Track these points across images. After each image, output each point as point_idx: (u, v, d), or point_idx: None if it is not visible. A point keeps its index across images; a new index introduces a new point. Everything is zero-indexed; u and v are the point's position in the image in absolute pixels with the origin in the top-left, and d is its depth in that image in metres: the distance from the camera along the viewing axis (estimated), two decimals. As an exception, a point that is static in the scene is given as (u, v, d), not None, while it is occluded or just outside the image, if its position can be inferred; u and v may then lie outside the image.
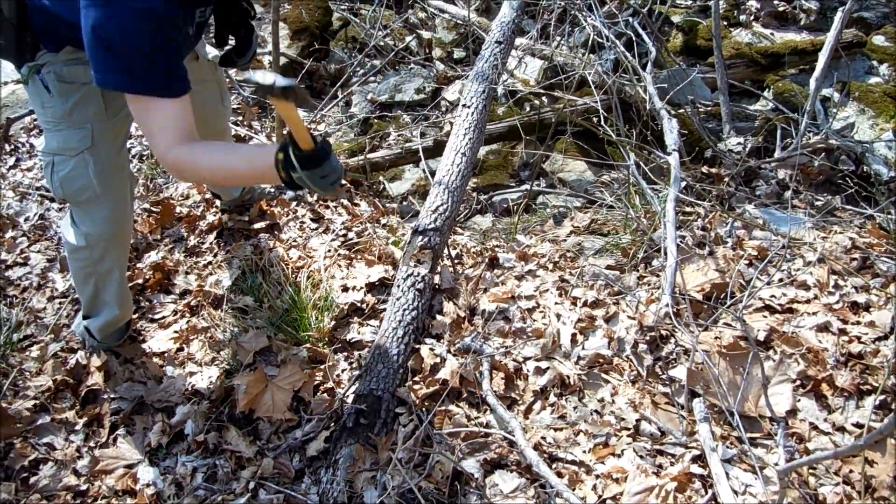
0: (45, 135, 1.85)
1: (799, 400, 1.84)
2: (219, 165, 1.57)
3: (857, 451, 1.59)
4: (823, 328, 2.05)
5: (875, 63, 3.90)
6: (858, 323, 2.08)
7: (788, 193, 2.86)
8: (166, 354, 2.28)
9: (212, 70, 2.27)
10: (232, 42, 2.11)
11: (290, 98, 1.31)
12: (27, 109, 3.95)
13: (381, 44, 4.51)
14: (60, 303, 2.55)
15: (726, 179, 2.92)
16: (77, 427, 2.05)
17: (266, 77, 1.27)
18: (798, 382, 1.87)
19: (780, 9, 4.75)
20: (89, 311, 2.20)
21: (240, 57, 2.10)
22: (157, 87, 1.48)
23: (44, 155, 1.86)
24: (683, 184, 2.50)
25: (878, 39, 4.00)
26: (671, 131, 2.59)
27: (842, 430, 1.77)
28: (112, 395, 2.13)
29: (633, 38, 3.39)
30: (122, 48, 1.44)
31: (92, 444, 2.02)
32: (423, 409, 1.92)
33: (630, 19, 3.43)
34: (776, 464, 1.61)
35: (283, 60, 3.61)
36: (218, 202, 2.94)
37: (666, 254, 2.16)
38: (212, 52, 2.21)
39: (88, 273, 2.07)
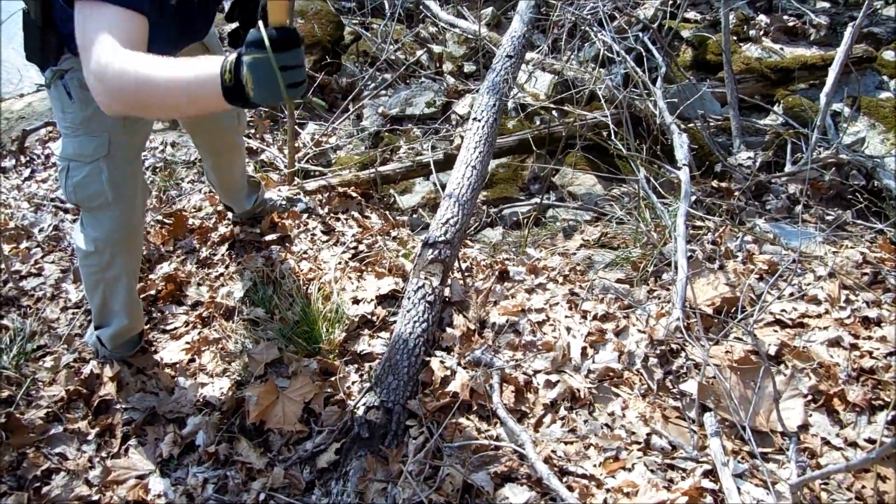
0: (62, 140, 1.88)
1: (811, 415, 1.83)
2: (151, 77, 1.29)
3: (870, 465, 1.58)
4: (835, 343, 2.04)
5: (885, 78, 3.90)
6: (870, 338, 2.07)
7: (799, 208, 2.86)
8: (178, 365, 2.29)
9: None
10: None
11: None
12: (43, 121, 4.02)
13: (393, 58, 4.55)
14: (73, 313, 2.58)
15: (736, 194, 2.93)
16: (89, 437, 2.07)
17: None
18: (809, 397, 1.87)
19: (790, 24, 4.75)
20: (100, 321, 2.21)
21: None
22: None
23: (60, 160, 1.88)
24: (694, 198, 2.50)
25: (889, 55, 4.00)
26: (681, 146, 2.60)
27: (854, 445, 1.76)
28: (124, 406, 2.14)
29: (643, 53, 3.41)
30: None
31: (104, 454, 2.03)
32: (434, 422, 1.93)
33: (640, 34, 3.45)
34: (788, 479, 1.60)
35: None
36: (230, 214, 2.97)
37: (676, 268, 2.16)
38: None
39: (97, 280, 2.09)
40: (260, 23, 1.21)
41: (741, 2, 4.97)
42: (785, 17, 4.87)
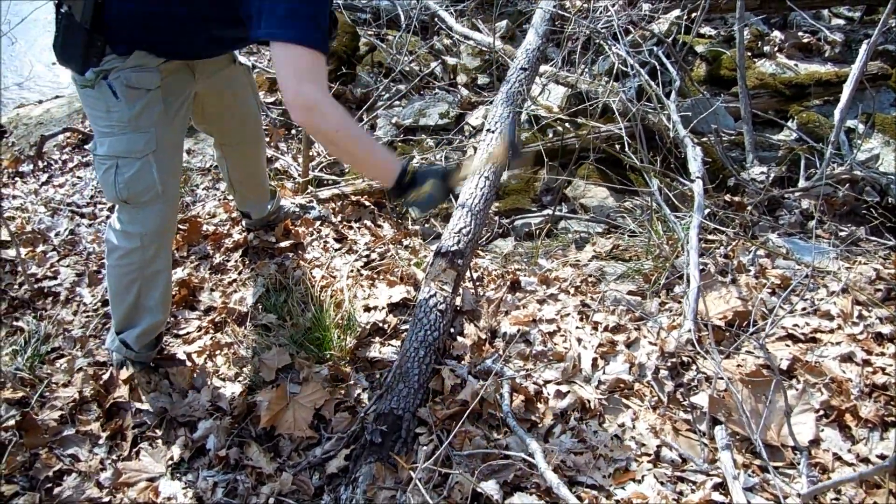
0: (105, 139, 1.89)
1: (822, 430, 1.82)
2: (352, 133, 1.71)
3: (882, 473, 1.57)
4: (847, 358, 2.03)
5: (900, 95, 3.90)
6: (883, 354, 2.06)
7: (812, 223, 2.85)
8: (190, 370, 2.30)
9: (246, 73, 2.34)
10: None
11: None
12: (61, 127, 4.07)
13: (407, 69, 4.58)
14: (87, 316, 2.60)
15: (749, 208, 2.92)
16: (101, 439, 2.08)
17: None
18: (821, 412, 1.86)
19: (805, 40, 4.76)
20: (127, 323, 2.20)
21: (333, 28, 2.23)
22: (322, 43, 1.61)
23: (104, 159, 1.90)
24: (707, 211, 2.50)
25: (904, 72, 4.00)
26: (695, 159, 2.61)
27: (866, 461, 1.75)
28: (138, 407, 2.16)
29: (658, 67, 3.42)
30: (316, 7, 1.59)
31: (115, 456, 2.05)
32: (443, 430, 1.93)
33: (654, 48, 3.46)
34: (799, 492, 1.59)
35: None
36: (244, 221, 2.99)
37: (688, 280, 2.16)
38: (243, 59, 2.28)
39: (134, 279, 2.09)
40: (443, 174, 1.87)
41: (756, 18, 4.99)
42: (799, 34, 4.88)
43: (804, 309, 2.25)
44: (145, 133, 1.88)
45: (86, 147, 4.01)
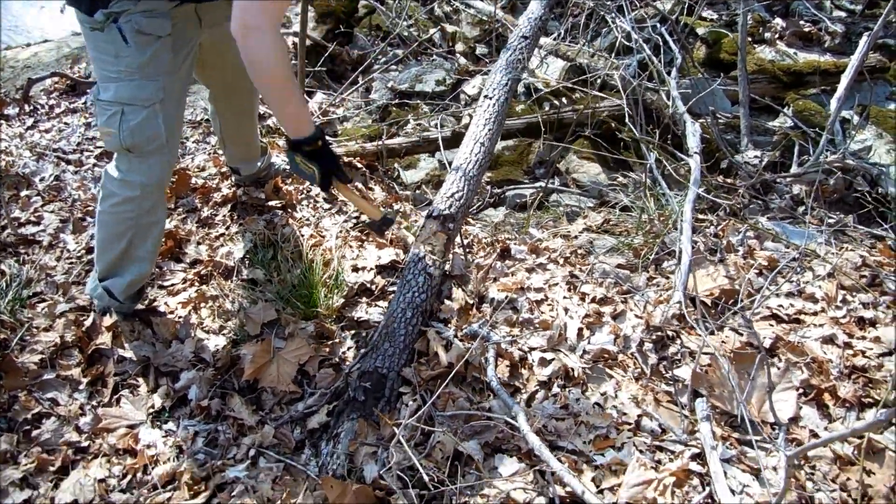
0: (111, 84, 1.84)
1: (801, 407, 1.84)
2: (283, 72, 1.67)
3: (878, 428, 1.60)
4: (829, 340, 2.05)
5: (896, 89, 3.91)
6: (864, 338, 2.08)
7: (802, 209, 2.87)
8: (174, 320, 2.29)
9: None
10: None
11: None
12: (49, 72, 3.98)
13: (405, 34, 4.53)
14: (71, 263, 2.57)
15: (741, 190, 2.93)
16: (81, 385, 2.07)
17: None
18: (801, 391, 1.88)
19: (806, 29, 4.74)
20: (111, 271, 2.17)
21: None
22: None
23: (109, 104, 1.85)
24: (701, 189, 2.50)
25: (901, 65, 4.00)
26: (693, 134, 2.60)
27: (842, 439, 1.78)
28: (120, 355, 2.14)
29: (660, 44, 3.40)
30: None
31: (95, 402, 2.04)
32: (427, 391, 1.93)
33: (658, 25, 3.44)
34: (786, 453, 1.61)
35: (308, 42, 3.62)
36: (234, 177, 2.95)
37: (679, 254, 2.17)
38: None
39: (128, 227, 2.06)
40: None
41: (758, 4, 4.96)
42: (801, 23, 4.86)
43: (790, 291, 2.27)
44: (154, 81, 1.83)
45: (73, 93, 3.93)
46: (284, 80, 1.68)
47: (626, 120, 2.72)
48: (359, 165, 3.25)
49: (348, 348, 2.16)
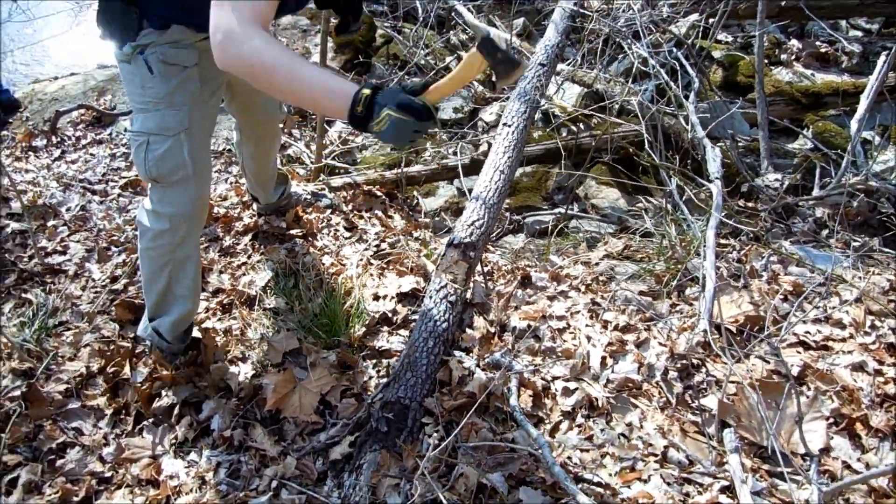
0: (138, 115, 1.87)
1: (832, 438, 1.80)
2: (292, 67, 1.40)
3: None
4: (859, 367, 2.02)
5: (917, 109, 3.87)
6: (894, 365, 2.04)
7: (825, 232, 2.84)
8: (196, 351, 2.29)
9: None
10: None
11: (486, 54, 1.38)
12: (76, 104, 4.07)
13: (422, 62, 4.57)
14: (96, 292, 2.60)
15: (763, 214, 2.91)
16: (106, 414, 2.08)
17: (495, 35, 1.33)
18: (831, 420, 1.85)
19: (823, 50, 4.74)
20: (158, 310, 2.17)
21: (354, 22, 2.06)
22: None
23: (137, 135, 1.88)
24: (723, 213, 2.49)
25: (922, 85, 3.97)
26: (714, 160, 2.59)
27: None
28: (142, 386, 2.15)
29: (677, 69, 3.40)
30: None
31: (119, 431, 2.04)
32: (450, 421, 1.92)
33: (674, 49, 3.45)
34: (819, 489, 1.57)
35: (326, 72, 3.67)
36: (255, 205, 2.98)
37: (703, 281, 2.15)
38: None
39: (164, 262, 2.06)
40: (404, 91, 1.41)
41: (774, 26, 4.96)
42: (817, 44, 4.86)
43: (817, 317, 2.24)
44: (178, 111, 1.85)
45: (99, 124, 4.01)
46: (282, 68, 1.40)
47: (646, 146, 2.72)
48: (378, 194, 3.27)
49: (370, 378, 2.16)
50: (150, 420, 2.06)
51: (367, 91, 1.37)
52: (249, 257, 2.79)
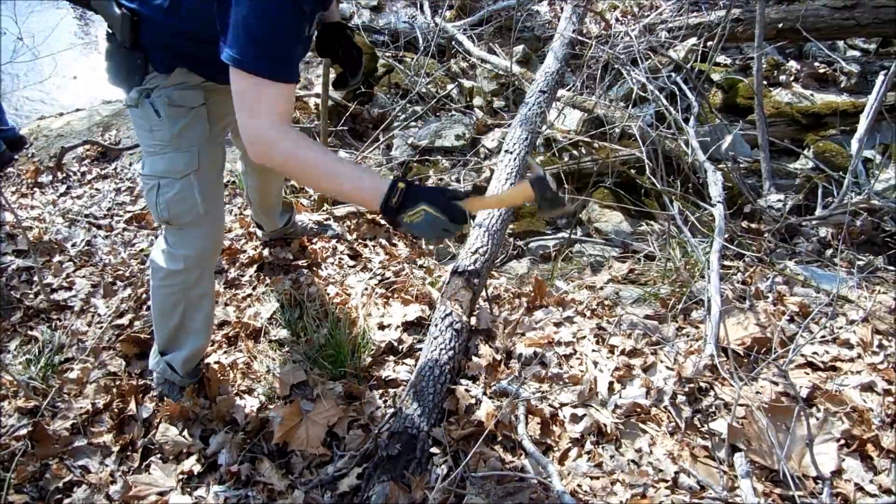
0: (148, 158, 1.88)
1: (843, 460, 1.79)
2: (326, 167, 1.54)
3: None
4: (868, 388, 2.00)
5: (917, 127, 3.89)
6: (904, 385, 2.03)
7: (830, 252, 2.83)
8: (202, 384, 2.29)
9: None
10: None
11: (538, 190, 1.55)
12: (81, 140, 4.11)
13: (424, 90, 4.62)
14: (102, 328, 2.60)
15: (766, 235, 2.91)
16: (113, 451, 2.07)
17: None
18: (842, 442, 1.83)
19: (821, 70, 4.78)
20: (169, 345, 2.17)
21: (353, 77, 2.16)
22: (286, 74, 1.51)
23: (148, 179, 1.88)
24: (727, 236, 2.49)
25: (921, 103, 3.99)
26: (716, 183, 2.60)
27: (888, 492, 1.71)
28: (149, 422, 2.15)
29: (676, 93, 3.43)
30: (270, 35, 1.46)
31: (125, 468, 2.03)
32: (459, 451, 1.91)
33: (672, 74, 3.48)
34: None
35: (329, 103, 3.70)
36: (259, 233, 3.00)
37: (708, 305, 2.15)
38: None
39: (178, 300, 2.06)
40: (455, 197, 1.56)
41: (771, 48, 5.01)
42: (815, 64, 4.90)
43: (823, 337, 2.23)
44: (187, 152, 1.86)
45: (104, 159, 4.05)
46: (321, 167, 1.54)
47: (647, 172, 2.73)
48: (382, 222, 3.28)
49: (377, 408, 2.15)
50: (157, 456, 2.06)
51: (402, 185, 1.51)
52: (254, 289, 2.79)
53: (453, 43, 5.33)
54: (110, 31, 1.76)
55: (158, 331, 2.16)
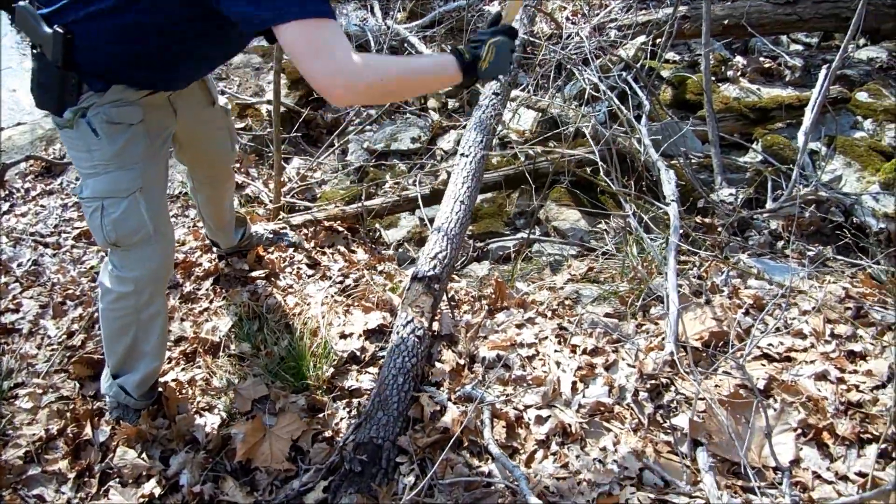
0: (89, 180, 1.80)
1: (801, 449, 1.83)
2: (405, 66, 1.67)
3: (886, 496, 1.58)
4: (822, 377, 2.06)
5: (860, 118, 4.01)
6: (856, 372, 2.09)
7: (781, 243, 2.90)
8: (160, 403, 2.24)
9: (224, 116, 2.29)
10: None
11: None
12: (23, 155, 3.97)
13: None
14: (52, 350, 2.52)
15: (720, 229, 2.96)
16: (69, 478, 2.00)
17: None
18: (799, 431, 1.87)
19: (766, 65, 4.89)
20: (121, 368, 2.10)
21: None
22: (332, 12, 1.49)
23: (90, 201, 1.80)
24: (681, 232, 2.53)
25: (862, 96, 4.12)
26: (669, 182, 2.64)
27: (845, 478, 1.76)
28: (105, 445, 2.08)
29: (627, 91, 3.47)
30: None
31: (83, 495, 1.97)
32: (425, 459, 1.90)
33: (623, 73, 3.52)
34: (794, 498, 1.59)
35: (282, 109, 3.65)
36: (215, 249, 2.94)
37: (667, 302, 2.18)
38: (222, 99, 2.25)
39: (129, 323, 1.99)
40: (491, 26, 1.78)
41: (719, 44, 5.11)
42: (761, 59, 5.01)
43: (777, 328, 2.28)
44: (130, 170, 1.79)
45: (49, 174, 3.92)
46: (399, 74, 1.60)
47: (602, 173, 2.75)
48: (340, 229, 3.26)
49: (341, 419, 2.13)
50: (116, 480, 2.00)
51: (460, 46, 1.68)
52: (211, 302, 2.74)
53: (405, 45, 5.30)
54: (36, 51, 1.66)
55: (109, 354, 2.10)
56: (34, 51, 1.67)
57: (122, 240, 1.85)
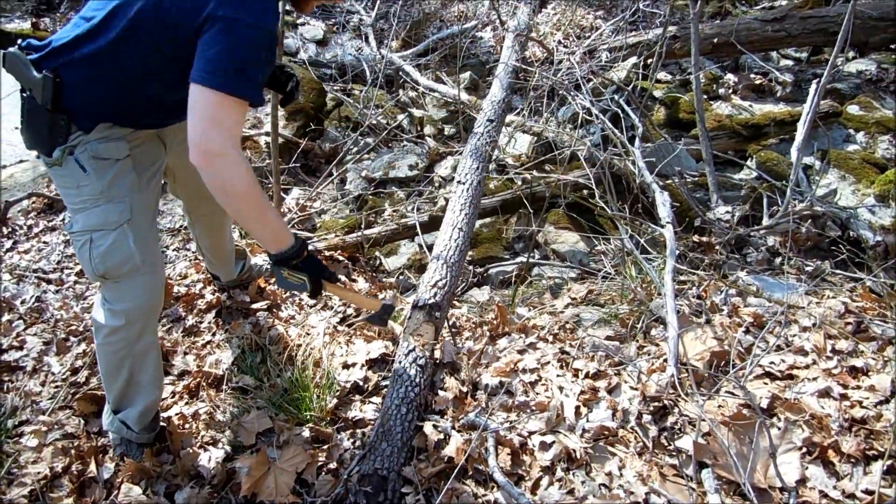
0: (79, 215, 1.84)
1: (807, 468, 1.83)
2: (252, 192, 1.66)
3: None
4: (825, 394, 2.06)
5: (852, 131, 4.05)
6: (859, 387, 2.09)
7: (779, 260, 2.92)
8: (166, 438, 2.24)
9: None
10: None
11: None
12: (26, 193, 4.01)
13: (374, 122, 4.64)
14: (56, 387, 2.53)
15: (717, 248, 2.98)
16: (74, 517, 2.00)
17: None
18: (804, 450, 1.87)
19: (757, 82, 4.94)
20: (121, 403, 2.11)
21: (284, 96, 2.21)
22: (255, 95, 1.63)
23: (79, 235, 1.84)
24: (677, 253, 2.55)
25: (853, 109, 4.17)
26: (664, 204, 2.66)
27: (852, 496, 1.76)
28: (111, 482, 2.08)
29: (620, 113, 3.51)
30: (246, 63, 1.59)
31: (89, 534, 1.97)
32: (430, 488, 1.90)
33: (615, 96, 3.56)
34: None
35: (280, 140, 3.69)
36: (215, 282, 2.95)
37: (666, 324, 2.18)
38: None
39: (123, 356, 2.01)
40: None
41: (710, 63, 5.17)
42: (752, 76, 5.06)
43: (778, 346, 2.28)
44: (119, 203, 1.83)
45: (51, 211, 3.95)
46: (257, 198, 1.67)
47: (597, 197, 2.77)
48: (341, 258, 3.27)
49: (346, 450, 2.13)
50: (122, 517, 2.00)
51: (306, 251, 1.87)
52: (214, 335, 2.75)
53: (401, 73, 5.37)
54: (26, 95, 1.72)
55: (108, 389, 2.11)
56: (24, 94, 1.73)
57: (110, 272, 1.87)
